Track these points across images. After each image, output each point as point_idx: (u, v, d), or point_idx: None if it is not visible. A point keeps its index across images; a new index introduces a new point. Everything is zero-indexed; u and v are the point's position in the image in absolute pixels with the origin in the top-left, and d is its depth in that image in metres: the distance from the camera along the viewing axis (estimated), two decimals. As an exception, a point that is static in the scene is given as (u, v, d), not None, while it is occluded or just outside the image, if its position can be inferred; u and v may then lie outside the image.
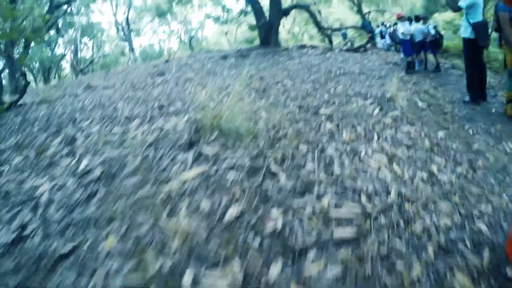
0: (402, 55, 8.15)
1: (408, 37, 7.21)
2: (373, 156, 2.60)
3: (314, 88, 4.71)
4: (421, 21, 7.55)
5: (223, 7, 14.96)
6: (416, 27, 7.49)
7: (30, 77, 18.44)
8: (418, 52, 7.55)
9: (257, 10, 11.52)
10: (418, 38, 7.41)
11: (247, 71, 6.47)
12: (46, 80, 19.27)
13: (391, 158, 2.60)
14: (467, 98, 4.65)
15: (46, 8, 12.21)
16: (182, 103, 4.01)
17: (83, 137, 3.05)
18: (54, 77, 20.74)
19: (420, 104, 4.09)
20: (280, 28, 26.67)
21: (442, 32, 9.78)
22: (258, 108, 3.60)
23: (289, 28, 29.51)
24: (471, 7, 4.29)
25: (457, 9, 4.35)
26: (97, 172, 2.27)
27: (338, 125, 3.19)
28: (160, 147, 2.63)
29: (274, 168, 2.25)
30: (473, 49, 4.46)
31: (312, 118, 3.40)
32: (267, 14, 11.61)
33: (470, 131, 3.60)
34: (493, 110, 4.36)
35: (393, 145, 2.91)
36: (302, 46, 11.04)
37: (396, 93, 4.13)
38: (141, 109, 3.87)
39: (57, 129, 3.42)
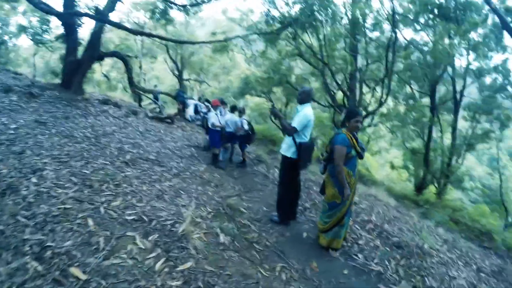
0: (207, 138, 7.67)
1: (218, 129, 6.70)
2: None
3: (80, 197, 3.09)
4: (237, 113, 7.36)
5: (43, 22, 11.64)
6: (230, 118, 7.15)
7: None
8: (226, 142, 7.12)
9: (71, 43, 9.19)
10: (229, 129, 7.05)
11: (14, 128, 4.72)
12: None
13: None
14: (275, 218, 4.14)
15: None
16: None
17: None
18: None
19: (222, 238, 3.12)
20: (97, 67, 24.14)
21: (248, 114, 10.33)
22: None
23: (107, 71, 27.20)
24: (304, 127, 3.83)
25: (289, 131, 3.63)
26: None
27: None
28: None
29: None
30: (292, 169, 3.96)
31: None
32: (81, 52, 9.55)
33: (283, 276, 2.85)
34: (305, 235, 3.91)
35: None
36: (106, 101, 9.33)
37: (191, 221, 3.06)
38: None
39: None
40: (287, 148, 3.93)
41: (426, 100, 16.79)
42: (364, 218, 5.05)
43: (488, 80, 16.59)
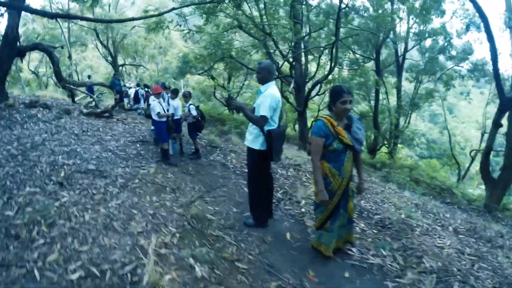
0: (152, 129, 6.86)
1: (164, 119, 5.80)
2: None
3: (6, 260, 2.19)
4: (181, 97, 6.51)
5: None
6: (177, 104, 6.36)
7: None
8: (173, 132, 6.29)
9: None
10: (176, 116, 6.31)
11: None
12: None
13: None
14: (250, 221, 3.55)
15: None
16: None
17: None
18: None
19: (198, 270, 2.41)
20: (23, 64, 21.09)
21: (192, 92, 9.50)
22: None
23: (35, 67, 24.09)
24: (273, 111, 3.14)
25: (259, 123, 2.89)
26: None
27: None
28: None
29: None
30: (262, 162, 3.32)
31: None
32: None
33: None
34: (288, 236, 3.37)
35: None
36: (33, 104, 7.95)
37: (156, 257, 2.36)
38: None
39: None
40: (253, 138, 3.24)
41: (369, 65, 17.14)
42: (338, 197, 4.78)
43: (428, 42, 17.33)
